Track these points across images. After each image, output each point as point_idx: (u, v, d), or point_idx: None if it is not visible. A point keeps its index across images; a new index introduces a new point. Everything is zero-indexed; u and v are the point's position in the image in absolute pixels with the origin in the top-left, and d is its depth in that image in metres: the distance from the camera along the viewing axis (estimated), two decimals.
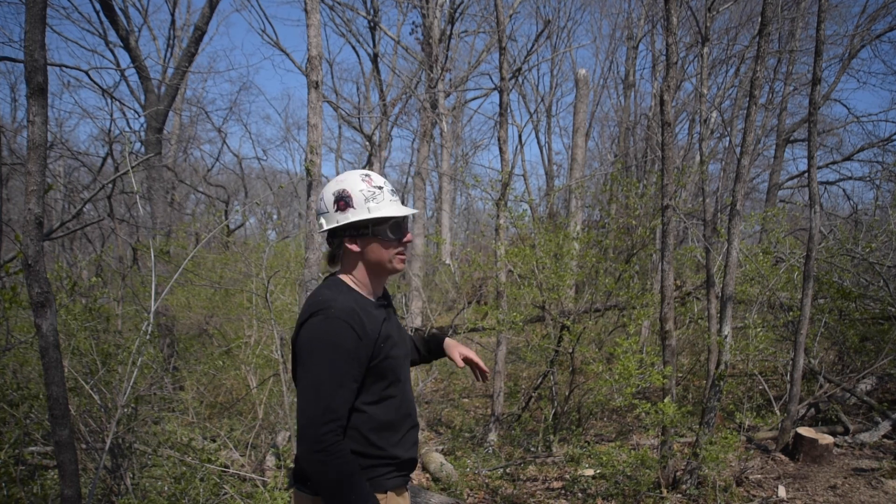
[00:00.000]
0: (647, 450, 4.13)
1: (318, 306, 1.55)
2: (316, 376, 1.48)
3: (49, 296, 2.31)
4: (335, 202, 1.65)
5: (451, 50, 12.40)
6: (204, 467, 3.53)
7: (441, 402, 7.98)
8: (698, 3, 10.82)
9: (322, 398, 1.47)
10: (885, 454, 4.91)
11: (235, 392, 6.45)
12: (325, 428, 1.45)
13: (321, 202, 1.69)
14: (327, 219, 1.66)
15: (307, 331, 1.53)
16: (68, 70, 10.78)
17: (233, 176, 21.82)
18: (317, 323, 1.52)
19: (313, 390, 1.48)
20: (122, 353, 3.81)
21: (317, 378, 1.48)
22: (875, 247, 6.41)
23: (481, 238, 13.55)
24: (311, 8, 3.99)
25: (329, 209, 1.65)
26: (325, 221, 1.67)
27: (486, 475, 4.85)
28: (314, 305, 1.56)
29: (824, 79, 10.33)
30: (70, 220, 4.70)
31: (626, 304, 6.15)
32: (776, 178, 12.49)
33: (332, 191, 1.66)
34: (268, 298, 4.83)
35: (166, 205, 8.21)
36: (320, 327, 1.51)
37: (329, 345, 1.49)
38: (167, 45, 9.78)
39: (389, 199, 1.66)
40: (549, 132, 18.42)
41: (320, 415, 1.46)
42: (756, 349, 5.15)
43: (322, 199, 1.69)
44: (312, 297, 1.63)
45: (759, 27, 4.41)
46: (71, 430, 2.40)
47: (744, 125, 4.76)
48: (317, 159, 4.03)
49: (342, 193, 1.64)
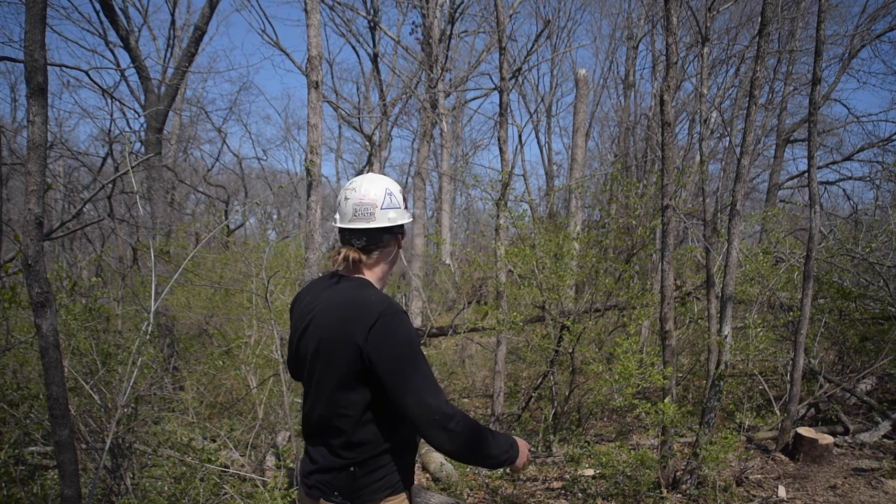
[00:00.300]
0: (647, 450, 4.13)
1: (389, 305, 1.56)
2: (425, 368, 1.54)
3: (49, 296, 2.31)
4: (404, 200, 1.71)
5: (451, 50, 12.41)
6: (204, 467, 3.53)
7: None
8: (698, 3, 10.83)
9: (436, 384, 1.55)
10: (885, 454, 4.91)
11: (235, 392, 6.45)
12: (449, 406, 1.52)
13: (390, 197, 1.66)
14: (399, 214, 1.68)
15: (401, 329, 1.53)
16: (68, 70, 10.79)
17: (233, 176, 21.84)
18: (404, 321, 1.55)
19: (428, 380, 1.53)
20: (122, 353, 3.81)
21: (426, 370, 1.54)
22: (875, 247, 6.41)
23: (481, 238, 13.55)
24: (311, 8, 3.99)
25: (401, 205, 1.69)
26: (398, 216, 1.67)
27: (486, 475, 4.85)
28: (381, 304, 1.55)
29: (824, 79, 10.33)
30: (70, 220, 4.71)
31: (626, 304, 6.15)
32: (776, 178, 12.49)
33: (397, 189, 1.70)
34: (268, 298, 4.83)
35: (166, 205, 8.21)
36: (407, 324, 1.55)
37: (416, 338, 1.57)
38: (167, 45, 9.78)
39: None
40: (549, 132, 18.43)
41: (443, 397, 1.53)
42: (756, 349, 5.15)
43: (389, 193, 1.67)
44: (364, 297, 1.58)
45: (759, 27, 4.41)
46: (71, 430, 2.40)
47: (744, 125, 4.76)
48: (317, 159, 4.03)
49: (403, 194, 1.72)
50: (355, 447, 1.57)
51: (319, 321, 1.60)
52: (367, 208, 1.63)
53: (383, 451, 1.59)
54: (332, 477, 1.59)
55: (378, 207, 1.64)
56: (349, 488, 1.57)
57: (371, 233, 1.64)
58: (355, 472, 1.57)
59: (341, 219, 1.67)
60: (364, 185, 1.66)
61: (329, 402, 1.58)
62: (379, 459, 1.59)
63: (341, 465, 1.57)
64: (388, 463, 1.60)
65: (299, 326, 1.68)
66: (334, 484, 1.59)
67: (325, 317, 1.59)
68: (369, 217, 1.63)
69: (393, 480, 1.61)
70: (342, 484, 1.58)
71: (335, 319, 1.56)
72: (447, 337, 9.59)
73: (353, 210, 1.64)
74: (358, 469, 1.57)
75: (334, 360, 1.55)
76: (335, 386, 1.56)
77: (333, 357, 1.55)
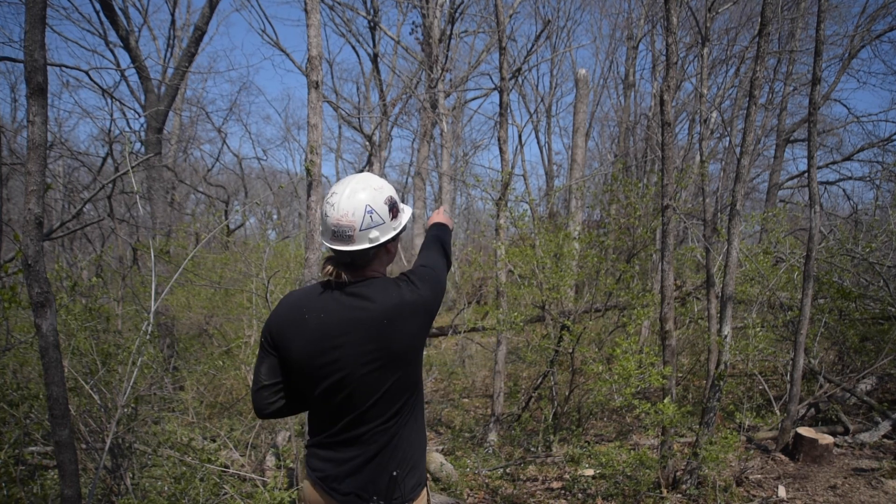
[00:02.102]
0: (646, 450, 4.13)
1: (400, 278, 1.66)
2: (439, 269, 1.75)
3: (49, 296, 2.31)
4: (389, 210, 1.59)
5: (451, 50, 12.39)
6: (204, 467, 3.53)
7: (441, 402, 7.98)
8: (698, 3, 10.83)
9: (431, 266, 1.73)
10: (885, 454, 4.91)
11: (235, 392, 6.45)
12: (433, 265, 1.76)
13: (371, 215, 1.54)
14: (383, 230, 1.58)
15: (429, 281, 1.66)
16: (68, 70, 10.78)
17: (233, 176, 21.83)
18: (417, 274, 1.68)
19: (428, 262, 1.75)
20: (122, 353, 3.81)
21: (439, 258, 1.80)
22: (875, 247, 6.41)
23: (481, 238, 13.54)
24: (311, 8, 3.99)
25: (385, 220, 1.58)
26: (381, 233, 1.57)
27: (486, 475, 4.85)
28: (405, 280, 1.64)
29: (824, 79, 10.33)
30: (70, 220, 4.70)
31: (626, 305, 6.15)
32: (776, 178, 12.49)
33: (381, 200, 1.57)
34: (268, 298, 4.83)
35: (166, 205, 8.21)
36: (422, 274, 1.69)
37: None
38: (167, 45, 9.77)
39: None
40: (549, 132, 18.41)
41: (432, 264, 1.75)
42: (756, 349, 5.15)
43: (370, 211, 1.54)
44: (387, 292, 1.57)
45: (759, 27, 4.40)
46: (71, 430, 2.40)
47: (744, 125, 4.76)
48: (317, 159, 4.03)
49: (392, 200, 1.60)
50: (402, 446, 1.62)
51: (373, 334, 1.54)
52: (344, 231, 1.52)
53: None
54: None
55: (357, 230, 1.52)
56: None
57: (354, 253, 1.56)
58: (398, 475, 1.60)
59: (323, 234, 1.59)
60: (343, 201, 1.52)
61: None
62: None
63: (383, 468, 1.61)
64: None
65: (340, 347, 1.54)
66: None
67: (381, 327, 1.54)
68: (348, 240, 1.53)
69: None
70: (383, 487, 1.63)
71: (395, 325, 1.55)
72: (447, 337, 9.59)
73: (332, 231, 1.54)
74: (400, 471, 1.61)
75: (395, 368, 1.56)
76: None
77: (396, 366, 1.56)
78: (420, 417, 1.66)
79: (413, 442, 1.61)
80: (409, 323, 1.54)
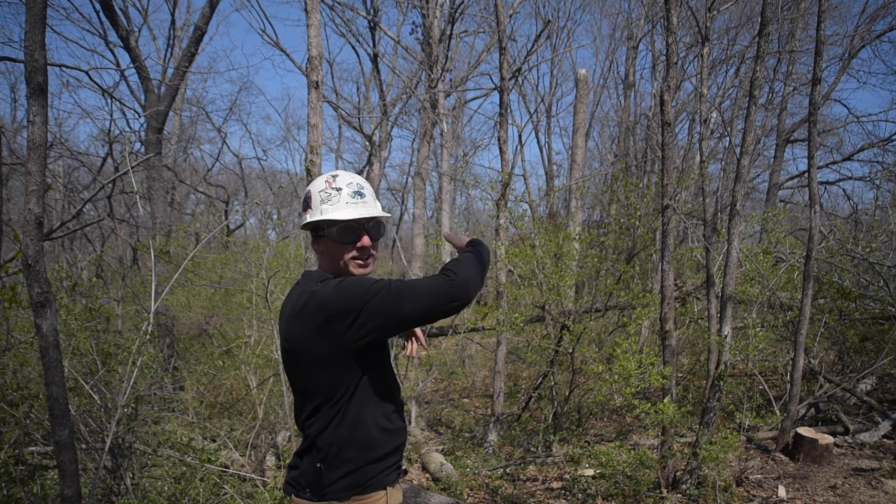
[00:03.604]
0: (646, 450, 4.13)
1: (318, 278, 1.58)
2: (391, 291, 1.44)
3: (49, 296, 2.31)
4: (302, 202, 1.71)
5: (451, 50, 12.40)
6: (204, 467, 3.53)
7: (441, 402, 7.98)
8: (698, 3, 10.82)
9: (427, 283, 1.46)
10: (885, 454, 4.91)
11: (235, 392, 6.45)
12: (449, 284, 1.47)
13: (302, 200, 1.73)
14: (301, 218, 1.71)
15: (347, 287, 1.47)
16: (68, 70, 10.79)
17: (233, 176, 21.84)
18: (336, 281, 1.53)
19: (401, 295, 1.43)
20: (122, 353, 3.81)
21: (410, 283, 1.47)
22: (875, 247, 6.41)
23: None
24: (311, 8, 3.99)
25: (306, 206, 1.69)
26: (302, 219, 1.70)
27: (486, 475, 4.85)
28: (313, 281, 1.57)
29: (824, 79, 10.33)
30: (70, 220, 4.71)
31: (626, 305, 6.15)
32: (776, 178, 12.49)
33: (315, 188, 1.67)
34: (268, 298, 4.84)
35: (166, 205, 8.21)
36: (342, 282, 1.51)
37: (372, 281, 1.50)
38: (167, 45, 9.77)
39: (347, 201, 1.61)
40: (549, 132, 18.42)
41: (443, 284, 1.46)
42: (756, 349, 5.15)
43: (308, 197, 1.71)
44: (311, 283, 1.57)
45: (759, 27, 4.40)
46: (71, 430, 2.40)
47: (744, 125, 4.76)
48: (317, 159, 4.03)
49: (306, 195, 1.69)
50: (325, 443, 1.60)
51: (287, 325, 1.59)
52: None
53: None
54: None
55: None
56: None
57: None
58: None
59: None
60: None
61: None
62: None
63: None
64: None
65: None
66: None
67: (291, 321, 1.57)
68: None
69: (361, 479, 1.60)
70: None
71: (299, 322, 1.53)
72: (447, 337, 9.60)
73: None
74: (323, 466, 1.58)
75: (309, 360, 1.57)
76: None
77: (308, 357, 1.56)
78: (361, 428, 1.57)
79: (346, 447, 1.55)
80: (305, 326, 1.50)
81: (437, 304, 1.43)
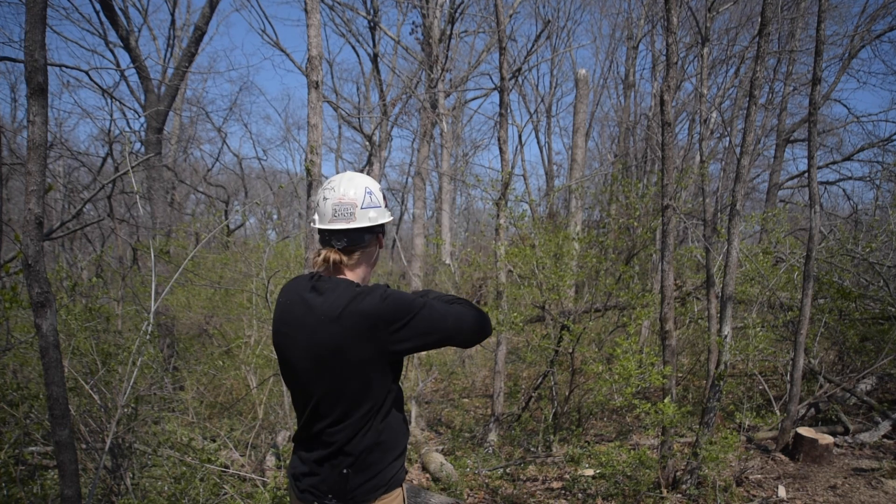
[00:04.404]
0: (646, 450, 4.13)
1: (373, 287, 1.57)
2: (433, 308, 1.54)
3: (49, 296, 2.31)
4: (384, 198, 1.68)
5: (451, 50, 12.40)
6: (204, 467, 3.53)
7: (441, 402, 7.98)
8: (698, 3, 10.83)
9: (456, 310, 1.58)
10: (885, 454, 4.91)
11: (235, 392, 6.45)
12: (470, 316, 1.61)
13: (370, 196, 1.63)
14: (380, 213, 1.65)
15: (394, 298, 1.51)
16: (68, 70, 10.80)
17: (233, 176, 21.84)
18: (390, 290, 1.55)
19: (443, 314, 1.55)
20: (122, 353, 3.81)
21: (443, 308, 1.56)
22: (875, 247, 6.41)
23: (481, 238, 13.55)
24: (311, 8, 3.99)
25: (381, 203, 1.65)
26: (378, 215, 1.64)
27: (486, 475, 4.85)
28: (368, 289, 1.55)
29: (824, 79, 10.33)
30: (70, 220, 4.70)
31: (626, 305, 6.14)
32: (776, 178, 12.49)
33: (377, 187, 1.66)
34: (268, 298, 4.84)
35: (166, 205, 8.20)
36: (387, 290, 1.54)
37: (412, 296, 1.57)
38: (167, 45, 9.77)
39: None
40: (549, 132, 18.42)
41: (469, 312, 1.61)
42: (756, 349, 5.15)
43: (369, 192, 1.63)
44: (349, 290, 1.53)
45: (759, 27, 4.41)
46: (71, 430, 2.39)
47: (744, 125, 4.76)
48: (317, 159, 4.03)
49: (372, 191, 1.65)
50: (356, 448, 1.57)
51: (317, 331, 1.53)
52: (346, 208, 1.59)
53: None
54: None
55: (358, 207, 1.60)
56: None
57: (352, 233, 1.60)
58: (348, 473, 1.57)
59: (320, 219, 1.63)
60: (343, 184, 1.62)
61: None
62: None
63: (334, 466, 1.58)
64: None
65: (289, 334, 1.60)
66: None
67: (324, 327, 1.52)
68: (349, 217, 1.59)
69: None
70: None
71: (338, 327, 1.50)
72: None
73: (333, 210, 1.59)
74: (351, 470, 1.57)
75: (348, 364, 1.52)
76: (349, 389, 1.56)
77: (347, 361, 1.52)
78: (385, 432, 1.59)
79: (373, 451, 1.56)
80: (346, 331, 1.49)
81: (472, 329, 1.57)
